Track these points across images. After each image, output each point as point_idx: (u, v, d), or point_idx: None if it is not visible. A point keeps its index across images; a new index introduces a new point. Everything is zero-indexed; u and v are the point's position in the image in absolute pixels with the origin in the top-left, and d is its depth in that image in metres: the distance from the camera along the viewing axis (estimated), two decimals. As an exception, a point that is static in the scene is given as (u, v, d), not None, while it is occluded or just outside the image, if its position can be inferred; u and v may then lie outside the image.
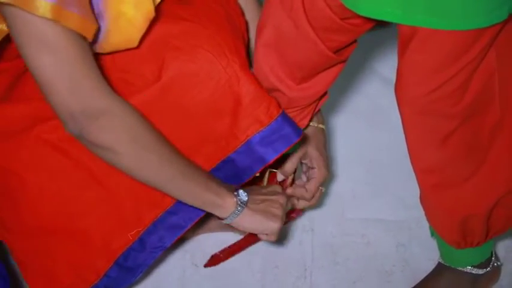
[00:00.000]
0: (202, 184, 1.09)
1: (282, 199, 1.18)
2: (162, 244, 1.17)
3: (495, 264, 1.32)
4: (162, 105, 1.11)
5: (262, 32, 1.15)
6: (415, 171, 1.17)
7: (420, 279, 1.38)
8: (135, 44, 1.07)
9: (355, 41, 1.19)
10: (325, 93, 1.28)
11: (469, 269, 1.30)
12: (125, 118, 1.01)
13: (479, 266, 1.30)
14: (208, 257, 1.42)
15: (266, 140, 1.14)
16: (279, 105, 1.16)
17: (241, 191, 1.13)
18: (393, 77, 1.77)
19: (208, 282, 1.40)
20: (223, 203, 1.10)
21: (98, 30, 1.02)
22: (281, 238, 1.46)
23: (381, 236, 1.48)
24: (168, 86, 1.10)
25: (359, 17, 1.07)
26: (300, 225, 1.49)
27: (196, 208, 1.13)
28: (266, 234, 1.18)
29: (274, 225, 1.16)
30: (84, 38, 0.97)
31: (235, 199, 1.11)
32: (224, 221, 1.13)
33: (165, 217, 1.15)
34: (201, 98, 1.11)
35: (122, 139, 1.02)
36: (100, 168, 1.10)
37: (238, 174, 1.16)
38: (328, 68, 1.19)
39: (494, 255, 1.32)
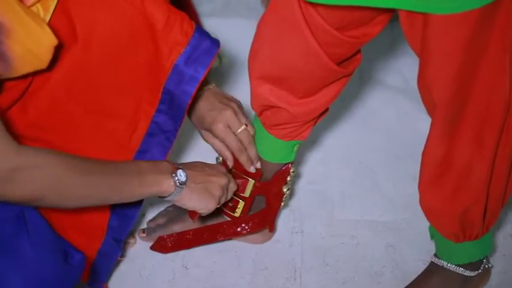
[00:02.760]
0: (136, 184, 1.08)
1: (223, 181, 1.20)
2: None
3: (486, 266, 1.32)
4: (91, 62, 1.11)
5: (257, 57, 1.18)
6: (424, 164, 1.18)
7: (410, 281, 1.37)
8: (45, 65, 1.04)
9: (359, 53, 1.19)
10: (326, 110, 1.28)
11: (460, 270, 1.30)
12: (36, 167, 0.97)
13: (471, 268, 1.30)
14: (198, 260, 1.42)
15: (190, 59, 1.14)
16: (190, 20, 1.15)
17: (180, 172, 1.14)
18: (384, 78, 1.79)
19: (197, 284, 1.39)
20: (161, 188, 1.11)
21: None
22: (270, 239, 1.46)
23: (370, 237, 1.48)
24: (87, 40, 1.10)
25: (357, 28, 1.09)
26: (290, 227, 1.49)
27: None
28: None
29: (209, 206, 1.19)
30: None
31: (172, 182, 1.12)
32: (165, 199, 1.15)
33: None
34: (119, 39, 1.11)
35: (41, 187, 0.98)
36: None
37: (179, 100, 1.17)
38: (332, 82, 1.20)
39: (485, 257, 1.32)
